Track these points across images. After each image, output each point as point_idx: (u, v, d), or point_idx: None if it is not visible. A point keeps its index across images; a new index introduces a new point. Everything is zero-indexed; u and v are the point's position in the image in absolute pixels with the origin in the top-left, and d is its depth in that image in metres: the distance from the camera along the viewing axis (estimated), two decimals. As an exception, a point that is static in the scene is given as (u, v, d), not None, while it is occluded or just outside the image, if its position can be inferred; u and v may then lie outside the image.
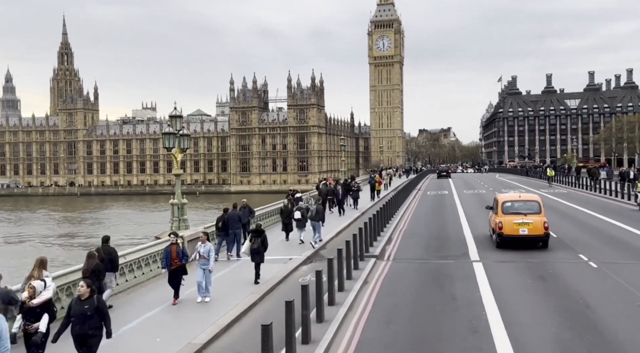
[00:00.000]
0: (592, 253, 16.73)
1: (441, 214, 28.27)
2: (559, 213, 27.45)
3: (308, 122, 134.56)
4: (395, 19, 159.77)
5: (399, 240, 20.86)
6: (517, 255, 16.95)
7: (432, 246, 19.11)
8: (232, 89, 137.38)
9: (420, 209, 30.95)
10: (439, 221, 25.64)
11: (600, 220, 24.65)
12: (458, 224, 24.17)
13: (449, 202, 34.82)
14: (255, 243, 14.98)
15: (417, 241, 20.46)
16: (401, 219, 26.69)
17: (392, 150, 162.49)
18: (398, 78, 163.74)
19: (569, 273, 14.46)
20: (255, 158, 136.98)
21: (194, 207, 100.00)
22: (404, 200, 36.29)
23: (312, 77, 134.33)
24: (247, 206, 19.54)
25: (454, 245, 19.09)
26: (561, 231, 20.93)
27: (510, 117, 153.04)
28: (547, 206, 22.31)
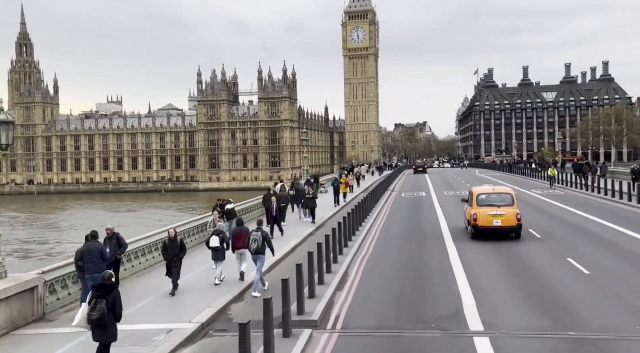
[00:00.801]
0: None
1: (418, 232, 21.45)
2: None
3: (280, 116, 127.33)
4: (370, 10, 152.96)
5: (357, 279, 14.03)
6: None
7: (407, 297, 12.30)
8: (199, 82, 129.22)
9: (392, 222, 24.15)
10: (416, 244, 18.74)
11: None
12: (443, 251, 17.35)
13: (427, 210, 28.08)
14: (96, 310, 8.05)
15: (385, 282, 13.64)
16: (366, 238, 19.91)
17: (367, 145, 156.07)
18: (373, 71, 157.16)
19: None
20: (224, 153, 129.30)
21: (154, 207, 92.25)
22: (374, 206, 29.64)
23: (284, 69, 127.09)
24: (113, 234, 12.39)
25: (440, 295, 12.28)
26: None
27: (487, 111, 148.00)
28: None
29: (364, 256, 16.83)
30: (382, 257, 16.58)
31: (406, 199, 34.13)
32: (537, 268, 14.39)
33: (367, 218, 24.63)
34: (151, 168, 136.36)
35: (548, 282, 12.94)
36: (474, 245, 17.72)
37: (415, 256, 16.59)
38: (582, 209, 25.58)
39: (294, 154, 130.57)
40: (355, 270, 14.92)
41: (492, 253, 16.49)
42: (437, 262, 15.51)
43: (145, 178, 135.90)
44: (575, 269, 14.01)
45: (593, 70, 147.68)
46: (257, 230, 13.41)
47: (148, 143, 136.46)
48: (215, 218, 17.48)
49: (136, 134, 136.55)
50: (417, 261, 15.78)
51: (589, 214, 23.83)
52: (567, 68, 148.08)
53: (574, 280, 13.03)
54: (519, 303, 11.42)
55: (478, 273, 13.94)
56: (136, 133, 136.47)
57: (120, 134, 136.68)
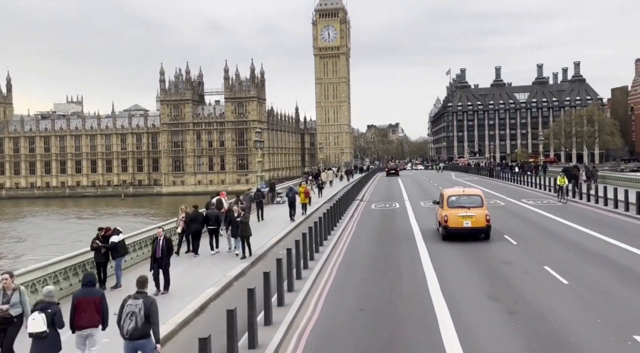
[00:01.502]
0: None
1: (392, 269, 15.41)
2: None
3: (247, 116, 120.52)
4: (341, 8, 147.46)
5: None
6: None
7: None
8: (162, 80, 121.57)
9: (357, 251, 18.01)
10: (388, 298, 12.51)
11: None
12: (426, 295, 11.34)
13: (402, 228, 22.04)
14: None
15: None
16: (317, 281, 13.75)
17: (338, 146, 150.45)
18: (345, 70, 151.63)
19: None
20: (189, 155, 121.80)
21: (108, 214, 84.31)
22: (337, 222, 23.65)
23: (252, 67, 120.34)
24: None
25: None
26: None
27: (460, 112, 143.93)
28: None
29: (309, 318, 10.70)
30: (335, 327, 10.36)
31: (377, 212, 28.15)
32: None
33: (326, 243, 18.54)
34: (112, 171, 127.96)
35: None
36: (477, 309, 11.79)
37: (388, 319, 10.48)
38: (601, 230, 19.84)
39: (263, 156, 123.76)
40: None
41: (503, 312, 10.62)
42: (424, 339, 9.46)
43: (106, 181, 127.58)
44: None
45: (565, 71, 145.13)
46: (137, 294, 7.32)
47: (108, 144, 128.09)
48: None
49: (95, 135, 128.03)
50: (391, 334, 9.68)
51: (618, 240, 17.96)
52: (539, 68, 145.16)
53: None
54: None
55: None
56: (95, 134, 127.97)
57: (78, 135, 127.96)
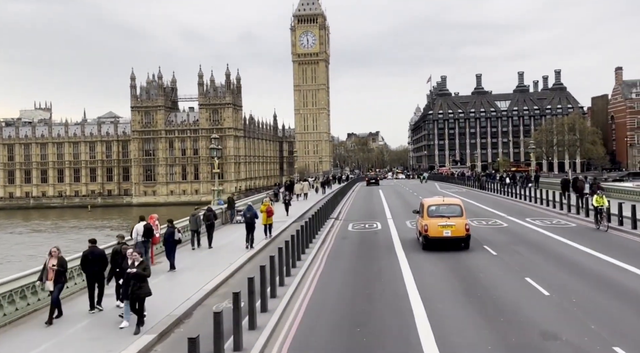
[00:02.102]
0: None
1: (375, 319, 10.29)
2: None
3: (223, 123, 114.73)
4: (320, 14, 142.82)
5: None
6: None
7: None
8: (133, 86, 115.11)
9: (325, 304, 12.58)
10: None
11: None
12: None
13: (388, 267, 16.57)
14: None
15: None
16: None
17: (317, 155, 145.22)
18: (324, 77, 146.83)
19: None
20: (161, 164, 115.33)
21: (69, 227, 77.35)
22: (305, 249, 18.29)
23: (227, 73, 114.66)
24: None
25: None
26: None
27: (441, 120, 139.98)
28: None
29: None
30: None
31: (354, 237, 22.72)
32: None
33: (280, 293, 13.03)
34: (80, 181, 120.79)
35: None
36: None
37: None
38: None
39: (239, 165, 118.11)
40: None
41: None
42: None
43: (73, 192, 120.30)
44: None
45: (545, 79, 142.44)
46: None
47: (76, 153, 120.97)
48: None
49: (63, 143, 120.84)
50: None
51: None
52: (520, 76, 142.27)
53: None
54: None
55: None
56: (63, 142, 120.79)
57: (44, 143, 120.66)
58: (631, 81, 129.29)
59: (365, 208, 35.31)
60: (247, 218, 20.92)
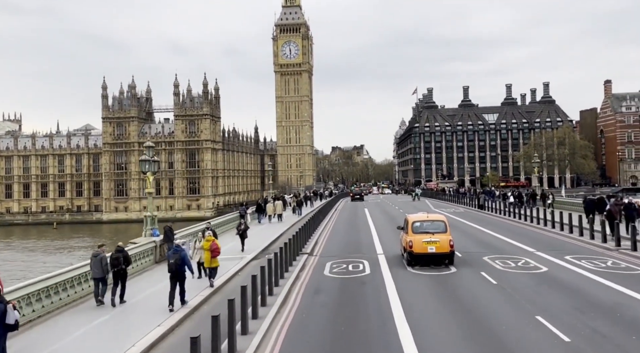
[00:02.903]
0: None
1: None
2: None
3: (200, 135, 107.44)
4: (303, 23, 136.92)
5: None
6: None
7: None
8: (104, 96, 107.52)
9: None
10: None
11: None
12: None
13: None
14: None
15: None
16: None
17: (299, 169, 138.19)
18: (307, 89, 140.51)
19: None
20: (134, 178, 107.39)
21: (18, 248, 69.03)
22: (257, 312, 11.22)
23: (204, 82, 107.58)
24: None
25: None
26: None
27: (427, 132, 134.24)
28: None
29: None
30: None
31: (331, 287, 15.52)
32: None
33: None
34: (47, 196, 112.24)
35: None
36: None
37: None
38: None
39: (217, 179, 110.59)
40: None
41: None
42: None
43: (40, 207, 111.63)
44: None
45: (533, 92, 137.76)
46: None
47: (44, 166, 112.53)
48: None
49: (29, 156, 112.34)
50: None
51: None
52: (508, 89, 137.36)
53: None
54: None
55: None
56: (29, 154, 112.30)
57: (9, 156, 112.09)
58: (620, 95, 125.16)
59: (348, 235, 28.30)
60: (170, 265, 13.79)
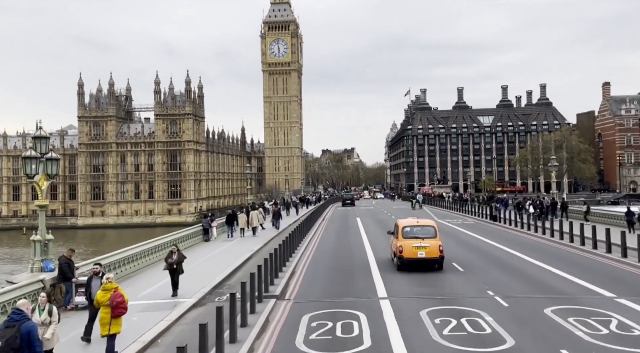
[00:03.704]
0: None
1: None
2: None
3: (182, 136, 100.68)
4: (292, 21, 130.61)
5: None
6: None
7: None
8: (80, 93, 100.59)
9: None
10: None
11: None
12: None
13: None
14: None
15: None
16: None
17: (289, 172, 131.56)
18: (296, 89, 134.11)
19: None
20: (111, 181, 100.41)
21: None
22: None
23: (187, 80, 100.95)
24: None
25: None
26: None
27: (420, 135, 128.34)
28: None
29: None
30: None
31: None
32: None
33: None
34: (19, 199, 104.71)
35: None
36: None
37: None
38: None
39: (200, 182, 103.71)
40: None
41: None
42: None
43: (11, 211, 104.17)
44: None
45: (529, 94, 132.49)
46: None
47: (16, 168, 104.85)
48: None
49: (0, 157, 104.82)
50: None
51: None
52: (503, 90, 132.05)
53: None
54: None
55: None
56: (0, 155, 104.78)
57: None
58: (620, 97, 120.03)
59: (338, 262, 21.45)
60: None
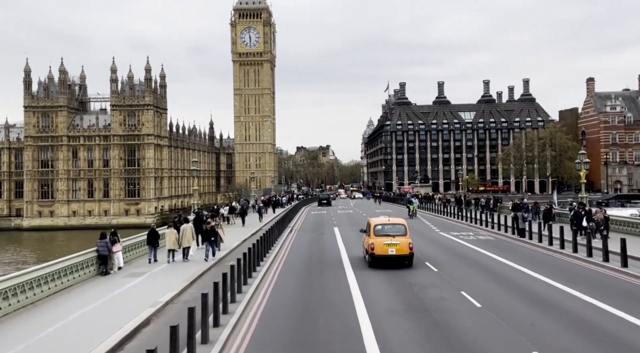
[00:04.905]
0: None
1: None
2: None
3: (141, 129, 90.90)
4: (265, 8, 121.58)
5: None
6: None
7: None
8: (27, 81, 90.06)
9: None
10: None
11: None
12: None
13: None
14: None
15: None
16: None
17: (260, 169, 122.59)
18: (269, 81, 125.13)
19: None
20: (62, 178, 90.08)
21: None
22: None
23: (147, 67, 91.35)
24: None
25: None
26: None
27: (399, 131, 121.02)
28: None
29: None
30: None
31: None
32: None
33: None
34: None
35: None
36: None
37: None
38: None
39: (162, 180, 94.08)
40: None
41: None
42: None
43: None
44: None
45: (511, 89, 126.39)
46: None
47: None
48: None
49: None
50: None
51: None
52: (485, 85, 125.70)
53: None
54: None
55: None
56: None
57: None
58: (605, 93, 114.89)
59: (306, 332, 12.03)
60: None
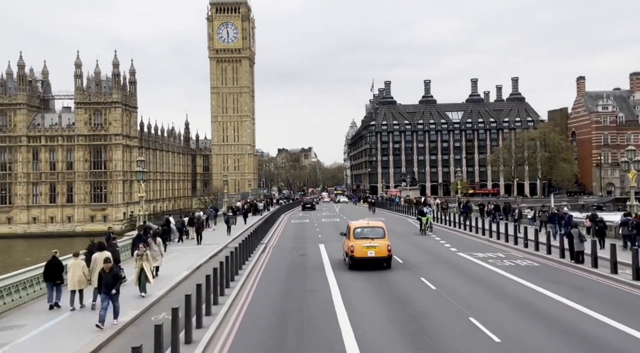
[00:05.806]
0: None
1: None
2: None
3: (108, 129, 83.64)
4: (243, 2, 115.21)
5: None
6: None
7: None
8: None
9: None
10: None
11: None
12: None
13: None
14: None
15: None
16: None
17: (239, 172, 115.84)
18: (248, 79, 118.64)
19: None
20: (20, 182, 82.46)
21: None
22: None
23: (115, 61, 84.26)
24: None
25: None
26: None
27: (385, 132, 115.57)
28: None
29: None
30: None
31: None
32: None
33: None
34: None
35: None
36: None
37: None
38: None
39: (130, 183, 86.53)
40: None
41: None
42: None
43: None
44: None
45: (499, 89, 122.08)
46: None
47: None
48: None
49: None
50: None
51: None
52: (473, 84, 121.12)
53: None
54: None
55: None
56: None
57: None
58: (596, 93, 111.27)
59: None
60: None
